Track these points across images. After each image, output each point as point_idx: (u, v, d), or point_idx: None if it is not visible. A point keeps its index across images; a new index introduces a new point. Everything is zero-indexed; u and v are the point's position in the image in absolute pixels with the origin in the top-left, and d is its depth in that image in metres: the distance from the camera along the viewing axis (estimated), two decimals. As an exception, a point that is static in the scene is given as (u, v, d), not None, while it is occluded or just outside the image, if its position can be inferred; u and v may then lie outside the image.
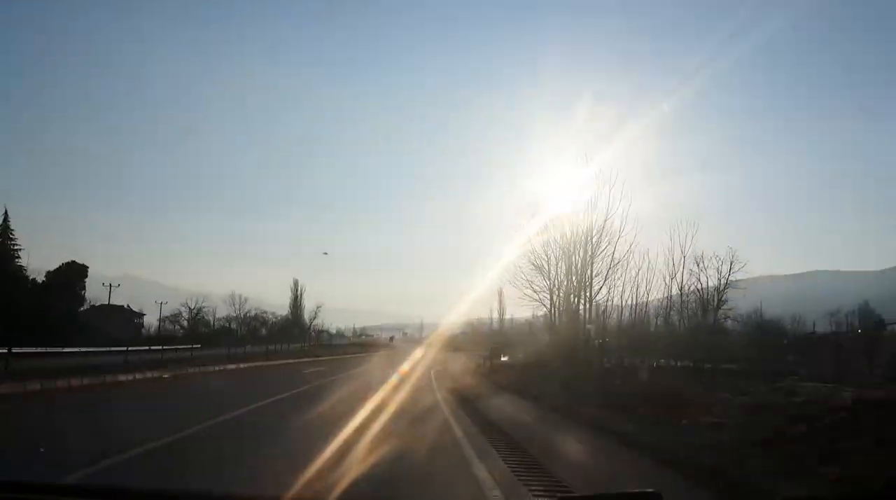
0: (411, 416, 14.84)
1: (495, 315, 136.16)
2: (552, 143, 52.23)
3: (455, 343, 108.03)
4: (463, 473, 8.19)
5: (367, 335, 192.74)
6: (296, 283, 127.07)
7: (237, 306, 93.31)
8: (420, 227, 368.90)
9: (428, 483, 7.66)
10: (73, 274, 67.35)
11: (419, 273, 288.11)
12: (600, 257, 31.32)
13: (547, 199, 33.57)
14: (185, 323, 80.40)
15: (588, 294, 31.81)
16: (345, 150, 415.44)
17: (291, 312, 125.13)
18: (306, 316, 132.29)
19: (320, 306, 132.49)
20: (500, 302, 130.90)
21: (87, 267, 69.70)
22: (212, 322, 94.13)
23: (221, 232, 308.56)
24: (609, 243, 31.08)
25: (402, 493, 6.11)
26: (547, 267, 34.26)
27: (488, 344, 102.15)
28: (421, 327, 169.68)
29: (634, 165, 53.74)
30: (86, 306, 68.75)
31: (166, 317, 78.37)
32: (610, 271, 31.71)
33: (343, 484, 5.86)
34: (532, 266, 34.58)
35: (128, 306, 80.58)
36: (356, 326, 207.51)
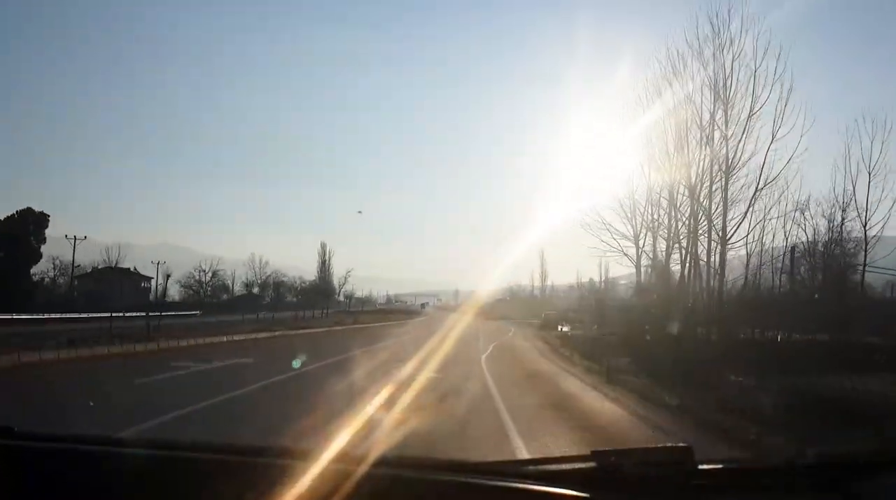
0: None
1: (536, 281, 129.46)
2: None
3: (495, 311, 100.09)
4: None
5: (400, 301, 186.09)
6: (323, 246, 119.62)
7: (257, 270, 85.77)
8: (455, 193, 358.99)
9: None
10: (27, 225, 54.85)
11: (455, 240, 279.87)
12: (737, 179, 21.56)
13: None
14: (201, 288, 73.33)
15: (717, 238, 22.22)
16: (375, 113, 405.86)
17: (319, 276, 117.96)
18: (335, 282, 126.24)
19: (350, 271, 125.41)
20: (542, 266, 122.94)
21: (48, 216, 57.40)
22: (231, 287, 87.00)
23: (247, 199, 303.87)
24: (752, 154, 21.06)
25: None
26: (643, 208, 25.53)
27: (532, 312, 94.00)
28: (456, 295, 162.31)
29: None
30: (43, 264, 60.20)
31: (179, 281, 71.28)
32: (754, 200, 21.82)
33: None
34: (618, 206, 25.87)
35: (134, 269, 73.80)
36: (389, 293, 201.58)
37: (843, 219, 25.59)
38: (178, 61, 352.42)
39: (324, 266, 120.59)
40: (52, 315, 34.78)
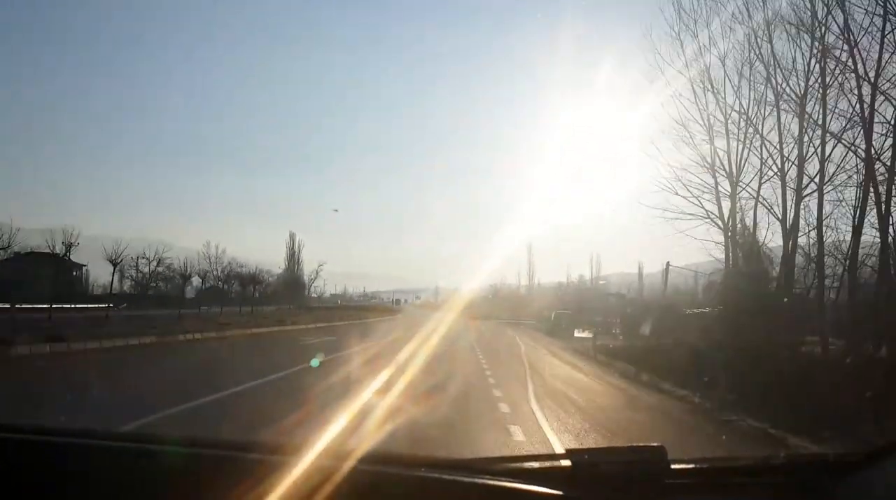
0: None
1: (523, 279, 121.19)
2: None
3: (480, 310, 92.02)
4: None
5: (376, 298, 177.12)
6: (292, 236, 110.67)
7: (212, 259, 76.41)
8: (437, 191, 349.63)
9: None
10: None
11: (436, 239, 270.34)
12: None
13: None
14: (143, 278, 63.92)
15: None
16: (351, 104, 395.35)
17: (287, 269, 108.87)
18: (307, 277, 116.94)
19: (322, 265, 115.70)
20: (530, 262, 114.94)
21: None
22: (183, 278, 77.41)
23: (216, 189, 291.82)
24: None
25: None
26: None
27: (520, 311, 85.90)
28: (436, 292, 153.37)
29: None
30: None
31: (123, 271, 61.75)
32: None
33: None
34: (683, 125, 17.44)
35: (66, 255, 64.16)
36: (367, 290, 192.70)
37: None
38: (142, 42, 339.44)
39: (293, 258, 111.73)
40: None
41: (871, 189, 13.49)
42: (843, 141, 14.30)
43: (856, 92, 13.72)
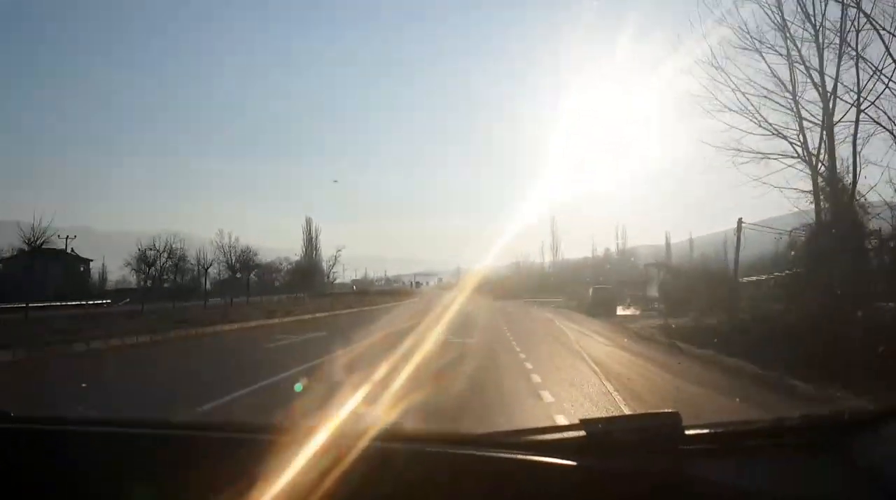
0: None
1: (547, 255, 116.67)
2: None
3: (502, 288, 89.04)
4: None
5: (399, 282, 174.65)
6: (308, 221, 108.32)
7: (226, 248, 73.93)
8: (455, 169, 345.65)
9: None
10: None
11: (456, 218, 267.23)
12: None
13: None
14: (148, 269, 61.55)
15: None
16: (366, 84, 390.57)
17: (305, 255, 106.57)
18: (325, 263, 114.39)
19: (340, 250, 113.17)
20: (554, 236, 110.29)
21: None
22: (195, 269, 75.17)
23: (224, 175, 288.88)
24: None
25: None
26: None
27: (544, 287, 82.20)
28: (457, 273, 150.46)
29: None
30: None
31: (130, 264, 59.50)
32: None
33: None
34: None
35: (72, 250, 62.22)
36: (388, 273, 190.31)
37: None
38: (144, 32, 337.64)
39: (310, 244, 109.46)
40: None
41: None
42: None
43: None
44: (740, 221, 17.79)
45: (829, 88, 13.97)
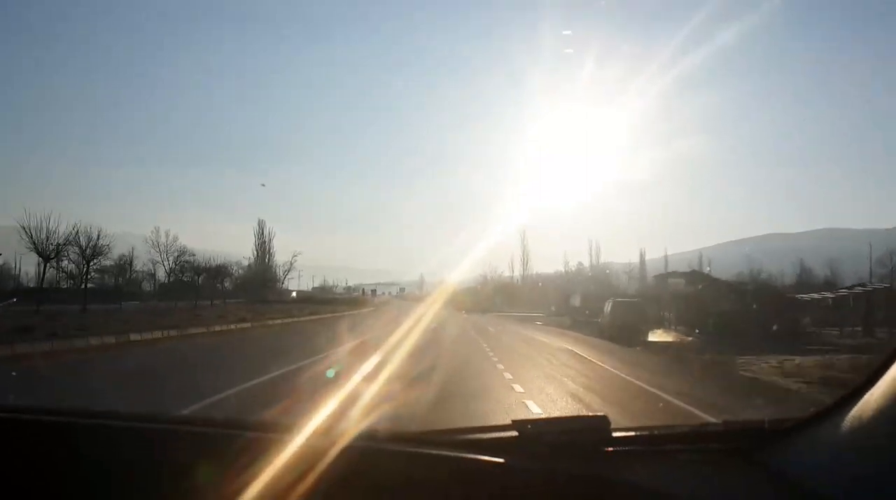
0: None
1: (517, 268, 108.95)
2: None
3: (469, 301, 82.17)
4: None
5: (359, 291, 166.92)
6: (261, 224, 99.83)
7: (162, 247, 66.11)
8: (420, 180, 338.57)
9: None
10: None
11: (421, 230, 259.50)
12: None
13: None
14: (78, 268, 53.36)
15: None
16: (328, 96, 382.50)
17: (256, 260, 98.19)
18: (280, 270, 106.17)
19: (296, 255, 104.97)
20: (524, 249, 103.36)
21: None
22: (128, 271, 67.20)
23: (177, 182, 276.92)
24: None
25: None
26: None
27: (515, 302, 75.77)
28: (421, 284, 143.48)
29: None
30: None
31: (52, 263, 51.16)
32: None
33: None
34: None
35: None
36: (349, 283, 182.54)
37: None
38: (102, 33, 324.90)
39: (262, 248, 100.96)
40: None
41: None
42: None
43: None
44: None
45: None
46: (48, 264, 49.51)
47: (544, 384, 11.91)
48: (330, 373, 11.71)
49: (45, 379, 11.95)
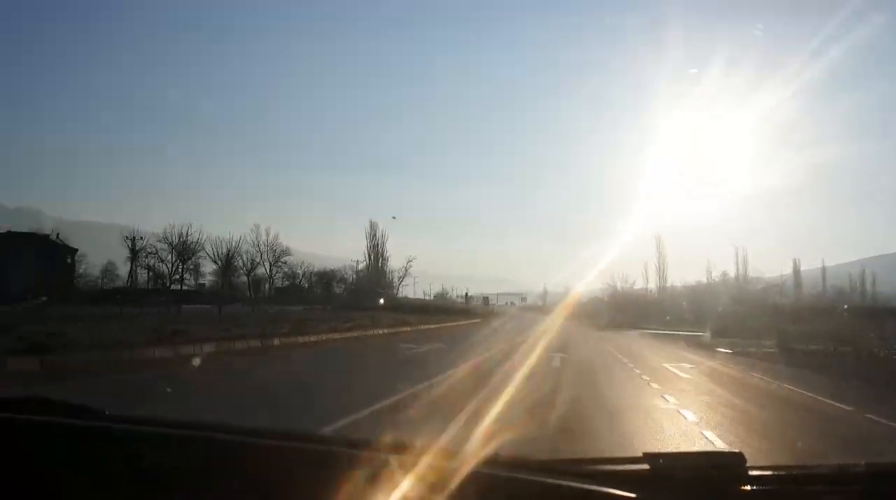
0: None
1: (652, 279, 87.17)
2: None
3: (597, 314, 73.91)
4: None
5: (480, 300, 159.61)
6: (373, 226, 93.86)
7: (264, 245, 61.52)
8: (546, 186, 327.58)
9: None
10: None
11: (547, 238, 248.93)
12: None
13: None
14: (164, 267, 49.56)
15: None
16: (458, 105, 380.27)
17: (368, 264, 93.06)
18: (395, 275, 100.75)
19: (411, 261, 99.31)
20: (660, 257, 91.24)
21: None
22: (237, 270, 62.94)
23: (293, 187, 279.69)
24: None
25: None
26: None
27: (648, 316, 65.13)
28: (544, 295, 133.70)
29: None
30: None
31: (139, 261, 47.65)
32: None
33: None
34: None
35: (57, 237, 51.10)
36: (470, 292, 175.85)
37: None
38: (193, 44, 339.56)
39: (375, 251, 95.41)
40: None
41: None
42: None
43: None
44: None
45: None
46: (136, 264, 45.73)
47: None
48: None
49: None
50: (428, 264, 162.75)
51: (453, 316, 64.77)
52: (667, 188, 70.98)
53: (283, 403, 9.88)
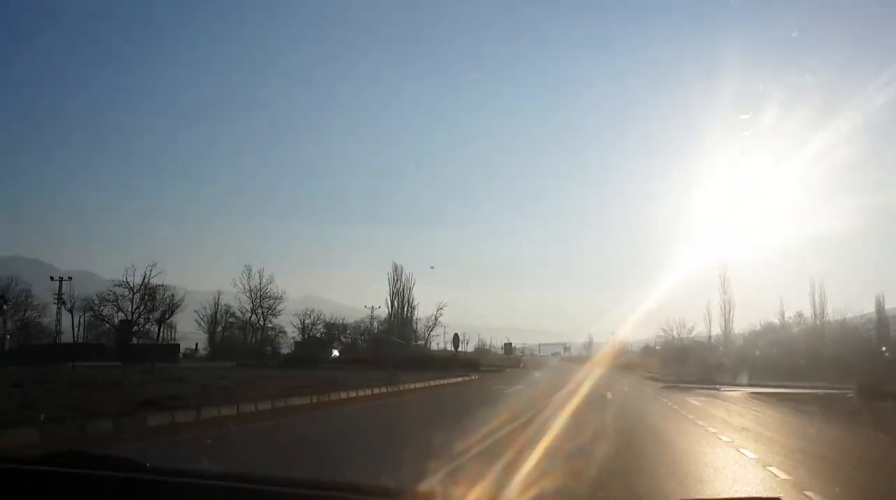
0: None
1: (716, 324, 73.51)
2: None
3: (647, 365, 63.35)
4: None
5: (522, 353, 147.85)
6: (398, 269, 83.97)
7: (250, 286, 53.48)
8: (586, 231, 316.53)
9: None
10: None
11: (590, 286, 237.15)
12: None
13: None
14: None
15: None
16: (491, 149, 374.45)
17: (392, 313, 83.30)
18: (422, 324, 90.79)
19: (442, 308, 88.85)
20: (725, 299, 77.72)
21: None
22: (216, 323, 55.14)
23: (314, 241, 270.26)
24: None
25: None
26: None
27: (706, 367, 52.44)
28: (589, 344, 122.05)
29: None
30: None
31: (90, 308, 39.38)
32: None
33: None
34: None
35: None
36: (510, 342, 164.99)
37: None
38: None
39: (399, 298, 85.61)
40: None
41: None
42: None
43: None
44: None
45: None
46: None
47: None
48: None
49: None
50: (466, 316, 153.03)
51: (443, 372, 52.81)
52: (723, 230, 61.95)
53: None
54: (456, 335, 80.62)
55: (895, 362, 44.47)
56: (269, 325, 63.84)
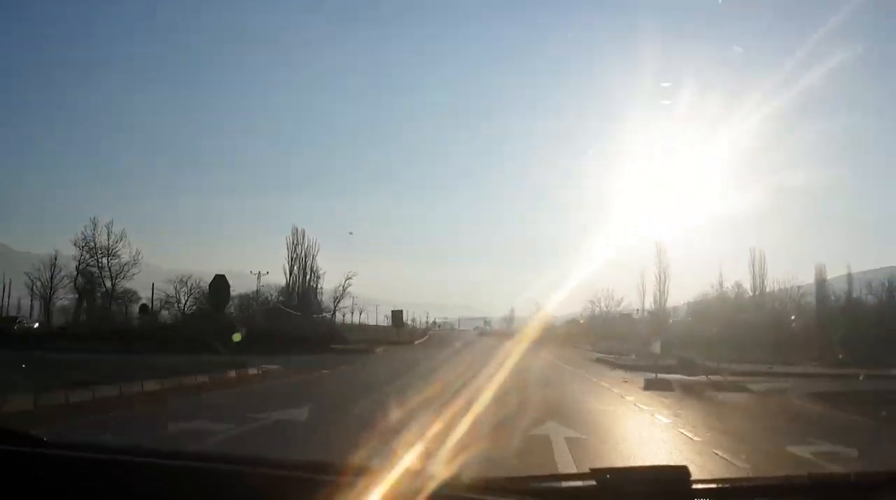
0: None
1: (648, 297, 68.01)
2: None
3: (573, 339, 57.36)
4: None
5: (439, 327, 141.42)
6: (296, 233, 72.81)
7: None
8: (511, 202, 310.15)
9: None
10: None
11: (510, 263, 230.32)
12: None
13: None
14: None
15: None
16: (422, 117, 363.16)
17: (289, 282, 72.45)
18: (328, 296, 79.94)
19: (350, 278, 77.43)
20: (660, 272, 70.66)
21: None
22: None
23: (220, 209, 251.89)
24: None
25: None
26: None
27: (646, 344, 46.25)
28: (511, 319, 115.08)
29: None
30: None
31: None
32: None
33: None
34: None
35: None
36: (399, 309, 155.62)
37: None
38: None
39: (300, 265, 74.77)
40: None
41: None
42: None
43: None
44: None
45: None
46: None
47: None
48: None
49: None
50: (387, 290, 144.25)
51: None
52: (664, 195, 56.85)
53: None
54: (398, 312, 77.72)
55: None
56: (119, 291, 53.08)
